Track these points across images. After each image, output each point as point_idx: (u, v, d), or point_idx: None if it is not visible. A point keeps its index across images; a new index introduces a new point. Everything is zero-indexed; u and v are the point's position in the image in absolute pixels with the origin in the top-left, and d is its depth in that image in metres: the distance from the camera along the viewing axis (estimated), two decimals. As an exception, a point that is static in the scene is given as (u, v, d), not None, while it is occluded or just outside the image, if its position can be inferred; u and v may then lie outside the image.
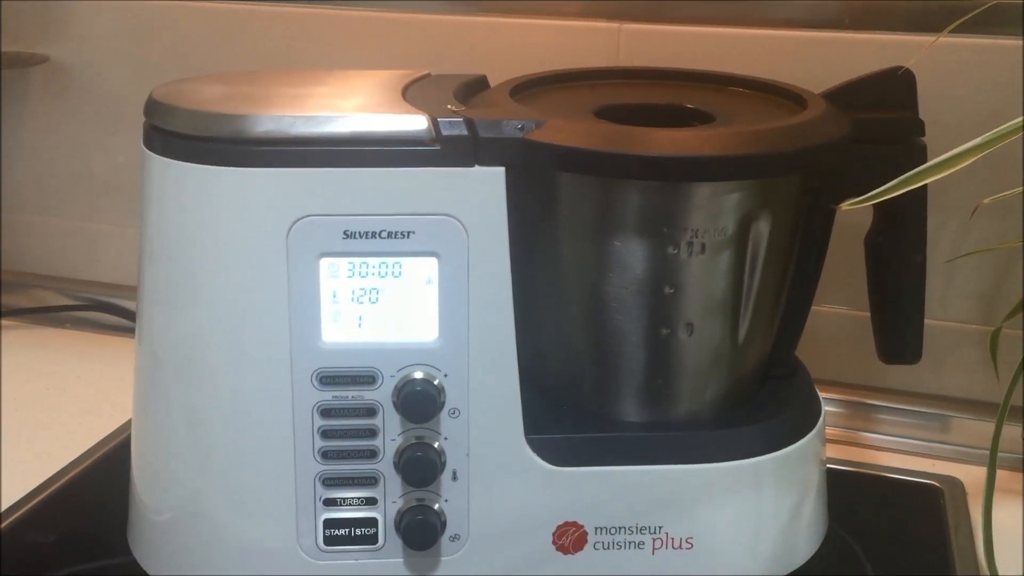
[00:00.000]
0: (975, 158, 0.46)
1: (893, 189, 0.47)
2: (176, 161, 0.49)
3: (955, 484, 0.68)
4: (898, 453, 0.73)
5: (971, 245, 0.70)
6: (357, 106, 0.50)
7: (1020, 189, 0.55)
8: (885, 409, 0.75)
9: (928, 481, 0.69)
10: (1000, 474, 0.58)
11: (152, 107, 0.51)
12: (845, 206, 0.47)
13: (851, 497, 0.65)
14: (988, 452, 0.58)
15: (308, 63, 0.79)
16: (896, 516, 0.66)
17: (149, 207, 0.51)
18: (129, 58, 0.84)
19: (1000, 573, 0.57)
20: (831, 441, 0.71)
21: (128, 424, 0.57)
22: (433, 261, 0.50)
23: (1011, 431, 0.61)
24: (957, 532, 0.63)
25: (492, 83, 0.59)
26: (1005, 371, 0.62)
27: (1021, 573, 0.57)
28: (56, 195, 0.91)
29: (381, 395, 0.51)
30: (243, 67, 0.80)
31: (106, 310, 0.89)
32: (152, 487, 0.55)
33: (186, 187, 0.49)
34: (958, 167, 0.46)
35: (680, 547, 0.54)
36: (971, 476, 0.69)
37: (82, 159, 0.89)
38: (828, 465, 0.60)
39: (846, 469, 0.70)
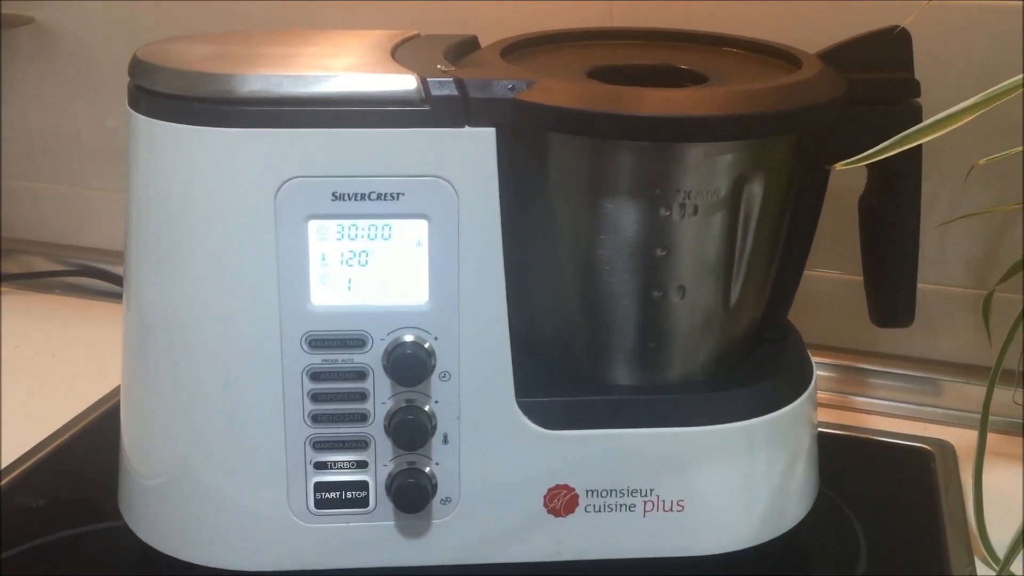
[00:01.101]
0: (969, 118, 0.46)
1: (887, 149, 0.46)
2: (161, 122, 0.48)
3: (946, 448, 0.69)
4: (889, 417, 0.73)
5: (965, 209, 0.69)
6: (346, 66, 0.50)
7: (1016, 150, 0.54)
8: (877, 373, 0.75)
9: (919, 445, 0.69)
10: (991, 437, 0.59)
11: (137, 67, 0.50)
12: (839, 167, 0.46)
13: (842, 460, 0.66)
14: (979, 416, 0.58)
15: (298, 24, 0.78)
16: (887, 479, 0.66)
17: (135, 169, 0.51)
18: (116, 19, 0.83)
19: (990, 536, 0.58)
20: (823, 405, 0.71)
21: (119, 389, 0.57)
22: (423, 223, 0.49)
23: (1002, 395, 0.61)
24: (947, 495, 0.64)
25: (483, 44, 0.58)
26: (997, 335, 0.62)
27: (1013, 536, 0.57)
28: (45, 159, 0.90)
29: (371, 358, 0.51)
30: (232, 27, 0.79)
31: (96, 276, 0.89)
32: (142, 452, 0.55)
33: (172, 148, 0.49)
34: (952, 127, 0.45)
35: (671, 510, 0.54)
36: (962, 440, 0.69)
37: (70, 122, 0.88)
38: (820, 429, 0.60)
39: (838, 433, 0.70)
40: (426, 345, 0.50)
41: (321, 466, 0.52)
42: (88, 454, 0.66)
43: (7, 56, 0.87)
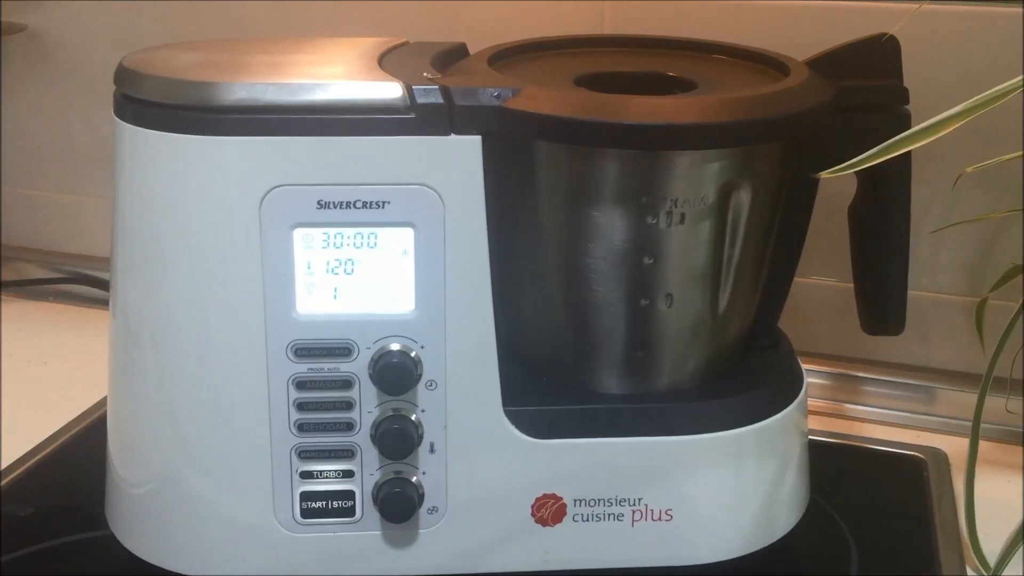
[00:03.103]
0: (956, 125, 0.45)
1: (874, 157, 0.46)
2: (147, 130, 0.48)
3: (939, 455, 0.68)
4: (882, 425, 0.73)
5: (958, 216, 0.69)
6: (332, 74, 0.50)
7: (1005, 157, 0.54)
8: (869, 381, 0.74)
9: (912, 453, 0.69)
10: (983, 445, 0.58)
11: (122, 75, 0.50)
12: (825, 175, 0.46)
13: (834, 469, 0.65)
14: (972, 424, 0.58)
15: (288, 31, 0.78)
16: (879, 488, 0.66)
17: (120, 177, 0.51)
18: (109, 26, 0.83)
19: (982, 545, 0.57)
20: (815, 413, 0.71)
21: (107, 397, 0.57)
22: (409, 231, 0.49)
23: (994, 402, 0.61)
24: (940, 503, 0.63)
25: (472, 52, 0.58)
26: (991, 342, 0.62)
27: (1004, 544, 0.57)
28: (37, 166, 0.90)
29: (357, 367, 0.50)
30: (223, 35, 0.79)
31: (90, 283, 0.89)
32: (128, 461, 0.54)
33: (157, 156, 0.49)
34: (939, 135, 0.45)
35: (660, 519, 0.54)
36: (955, 447, 0.69)
37: (63, 129, 0.88)
38: (812, 437, 0.59)
39: (830, 441, 0.70)
40: (412, 354, 0.50)
41: (307, 475, 0.52)
42: (77, 463, 0.66)
43: (0, 64, 0.87)
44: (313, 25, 0.78)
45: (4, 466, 0.65)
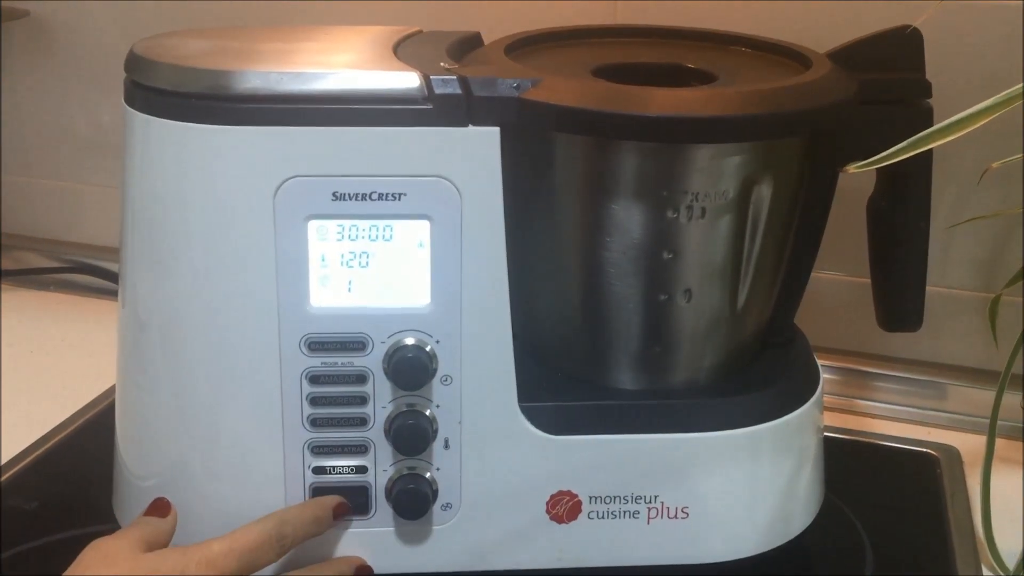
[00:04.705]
0: (984, 121, 0.45)
1: (900, 152, 0.45)
2: (158, 118, 0.47)
3: (952, 452, 0.68)
4: (895, 421, 0.72)
5: (970, 212, 0.68)
6: (347, 63, 0.49)
7: (1027, 154, 0.53)
8: (881, 376, 0.74)
9: (925, 449, 0.68)
10: (996, 442, 0.58)
11: (133, 62, 0.49)
12: (852, 169, 0.45)
13: (848, 465, 0.65)
14: (985, 420, 0.57)
15: (298, 19, 0.77)
16: (892, 484, 0.66)
17: (131, 166, 0.50)
18: (112, 13, 0.82)
19: (996, 542, 0.57)
20: (828, 409, 0.70)
21: (113, 388, 0.56)
22: (425, 224, 0.48)
23: (1007, 399, 0.60)
24: (953, 500, 0.63)
25: (486, 41, 0.57)
26: (1004, 339, 0.61)
27: (1019, 544, 0.56)
28: (39, 154, 0.89)
29: (371, 361, 0.50)
30: (232, 22, 0.78)
31: (91, 272, 0.88)
32: (136, 453, 0.54)
33: (168, 146, 0.48)
34: (968, 130, 0.44)
35: (676, 516, 0.53)
36: (968, 444, 0.68)
37: (66, 117, 0.87)
38: (825, 433, 0.59)
39: (843, 437, 0.69)
40: (427, 348, 0.49)
41: (320, 471, 0.51)
42: (82, 455, 0.65)
43: (2, 50, 0.85)
44: (321, 13, 0.77)
45: (6, 459, 0.64)
